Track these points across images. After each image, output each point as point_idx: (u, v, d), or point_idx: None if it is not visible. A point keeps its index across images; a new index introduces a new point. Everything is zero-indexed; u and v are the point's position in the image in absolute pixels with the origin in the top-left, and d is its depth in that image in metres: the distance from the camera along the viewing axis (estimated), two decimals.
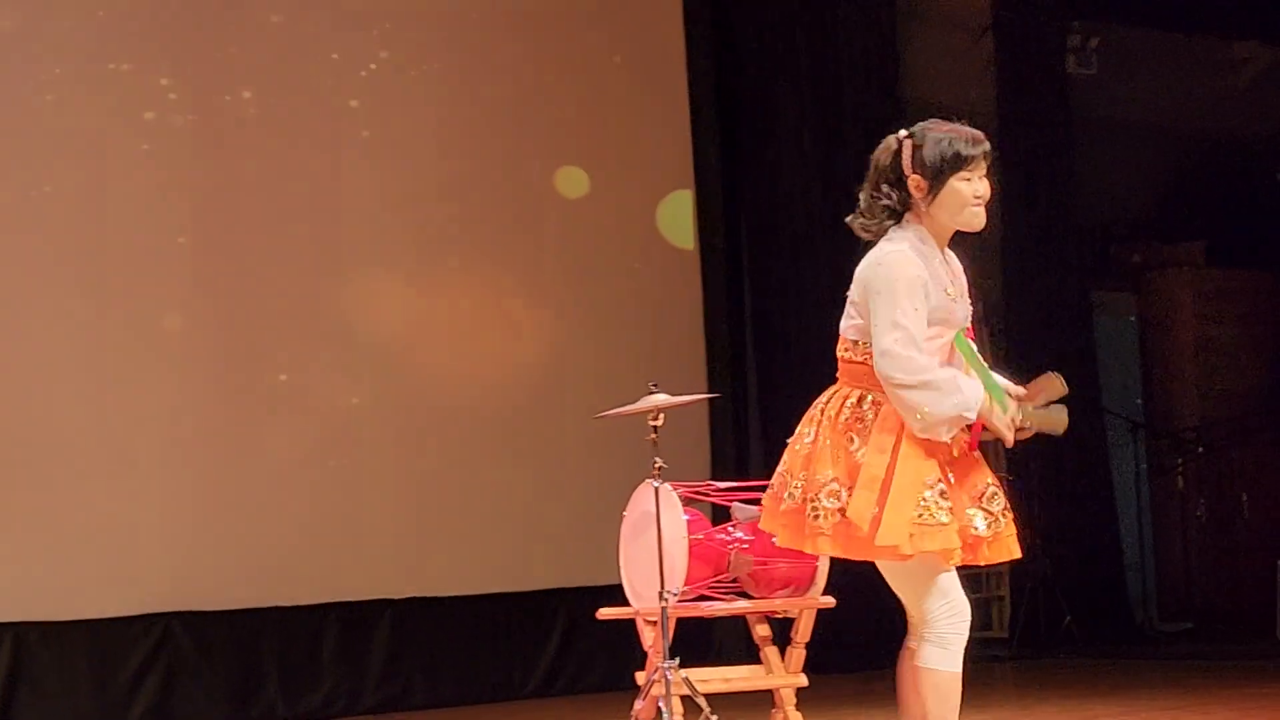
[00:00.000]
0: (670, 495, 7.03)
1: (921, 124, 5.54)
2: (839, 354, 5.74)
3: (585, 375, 10.92)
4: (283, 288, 10.24)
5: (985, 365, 5.54)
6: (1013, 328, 12.79)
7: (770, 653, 7.39)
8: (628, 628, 7.70)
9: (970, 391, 5.36)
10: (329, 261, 10.40)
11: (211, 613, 9.92)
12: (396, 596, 10.43)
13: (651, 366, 10.10)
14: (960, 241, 5.78)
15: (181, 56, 10.05)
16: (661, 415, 6.98)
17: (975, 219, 5.53)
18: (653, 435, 6.96)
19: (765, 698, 7.46)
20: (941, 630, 5.41)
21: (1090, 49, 13.49)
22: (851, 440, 5.45)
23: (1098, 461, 12.98)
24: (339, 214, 10.45)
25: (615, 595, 7.61)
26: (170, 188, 9.97)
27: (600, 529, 8.48)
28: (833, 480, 5.40)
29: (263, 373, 10.16)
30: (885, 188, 5.50)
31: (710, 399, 9.91)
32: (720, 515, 8.09)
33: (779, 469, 5.63)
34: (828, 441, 5.49)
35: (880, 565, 5.47)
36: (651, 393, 7.03)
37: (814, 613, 7.32)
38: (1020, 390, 5.58)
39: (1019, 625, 12.29)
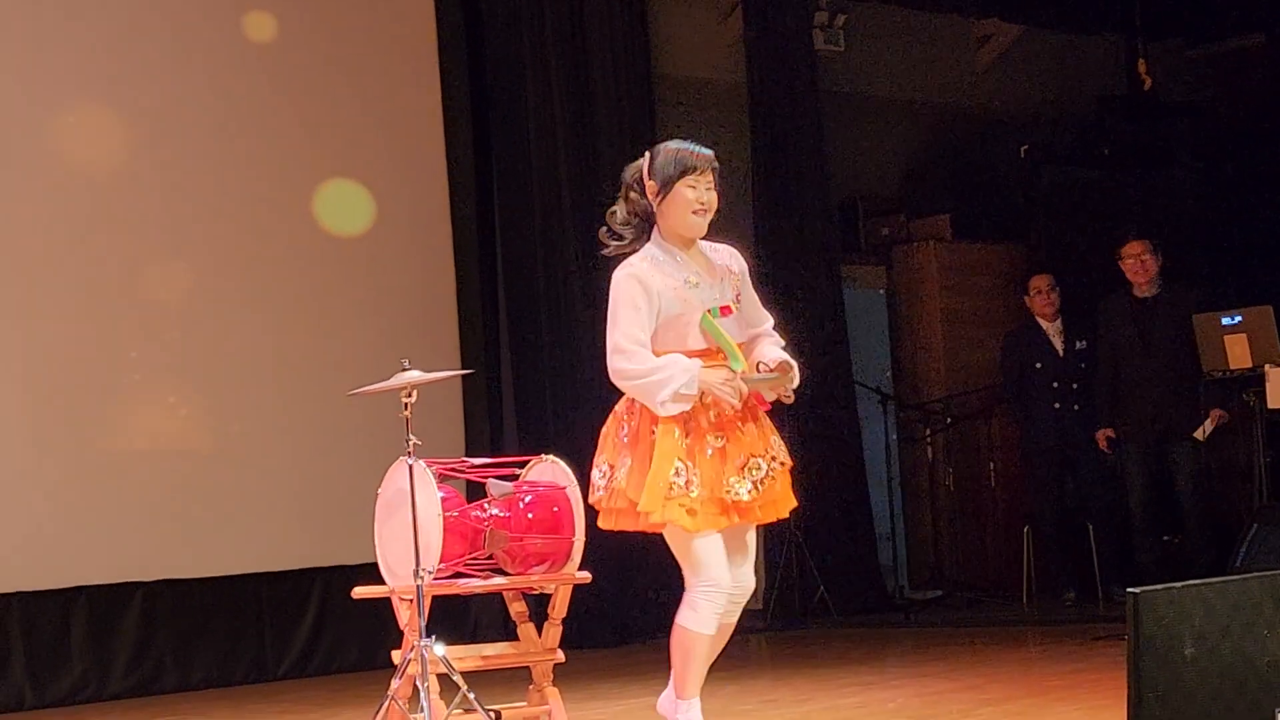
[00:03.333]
0: (425, 472, 6.98)
1: (663, 143, 6.48)
2: None
3: (337, 352, 10.82)
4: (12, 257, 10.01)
5: (729, 339, 6.37)
6: (764, 301, 12.85)
7: (526, 629, 7.37)
8: (382, 607, 7.63)
9: (680, 374, 6.17)
10: (68, 236, 10.19)
11: None
12: (146, 579, 10.27)
13: (404, 343, 10.04)
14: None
15: None
16: (414, 392, 6.92)
17: (695, 226, 6.38)
18: (406, 412, 6.89)
19: (522, 674, 7.44)
20: (694, 595, 6.22)
21: (837, 26, 13.64)
22: (623, 427, 6.36)
23: (848, 434, 13.13)
24: (81, 183, 10.25)
25: (371, 574, 7.54)
26: None
27: (355, 507, 8.40)
28: (605, 463, 6.36)
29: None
30: (632, 195, 6.44)
31: (464, 375, 9.86)
32: (475, 492, 8.05)
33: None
34: (609, 430, 6.42)
35: (668, 538, 6.30)
36: (404, 370, 6.97)
37: (570, 588, 7.30)
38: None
39: (773, 597, 12.41)
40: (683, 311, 6.30)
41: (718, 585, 6.19)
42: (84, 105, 10.23)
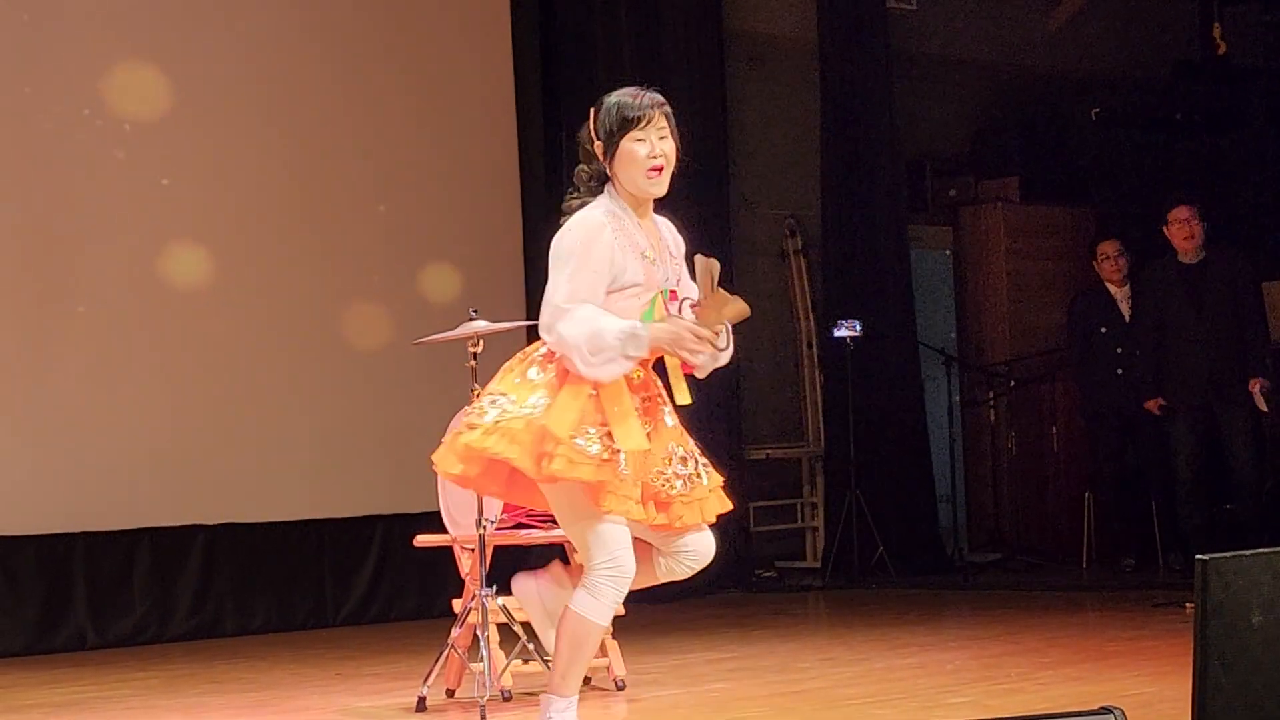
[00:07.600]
0: None
1: (610, 94, 5.61)
2: None
3: (405, 300, 10.85)
4: (75, 214, 10.03)
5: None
6: (830, 260, 12.87)
7: None
8: (442, 556, 7.67)
9: (622, 341, 5.37)
10: (124, 183, 10.22)
11: (18, 538, 9.76)
12: (209, 522, 10.33)
13: (471, 294, 10.08)
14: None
15: None
16: (481, 342, 6.94)
17: (652, 187, 5.54)
18: (472, 362, 6.92)
19: None
20: (596, 580, 5.42)
21: None
22: (538, 370, 5.56)
23: (911, 395, 13.11)
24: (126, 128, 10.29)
25: (432, 522, 7.58)
26: None
27: (418, 455, 8.39)
28: (499, 392, 5.55)
29: (61, 300, 9.96)
30: (585, 160, 5.65)
31: (530, 326, 9.86)
32: None
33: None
34: (512, 366, 5.66)
35: (551, 503, 5.53)
36: (471, 319, 6.99)
37: None
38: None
39: (832, 556, 12.41)
40: (641, 284, 5.53)
41: (622, 571, 5.41)
42: (146, 66, 10.28)
